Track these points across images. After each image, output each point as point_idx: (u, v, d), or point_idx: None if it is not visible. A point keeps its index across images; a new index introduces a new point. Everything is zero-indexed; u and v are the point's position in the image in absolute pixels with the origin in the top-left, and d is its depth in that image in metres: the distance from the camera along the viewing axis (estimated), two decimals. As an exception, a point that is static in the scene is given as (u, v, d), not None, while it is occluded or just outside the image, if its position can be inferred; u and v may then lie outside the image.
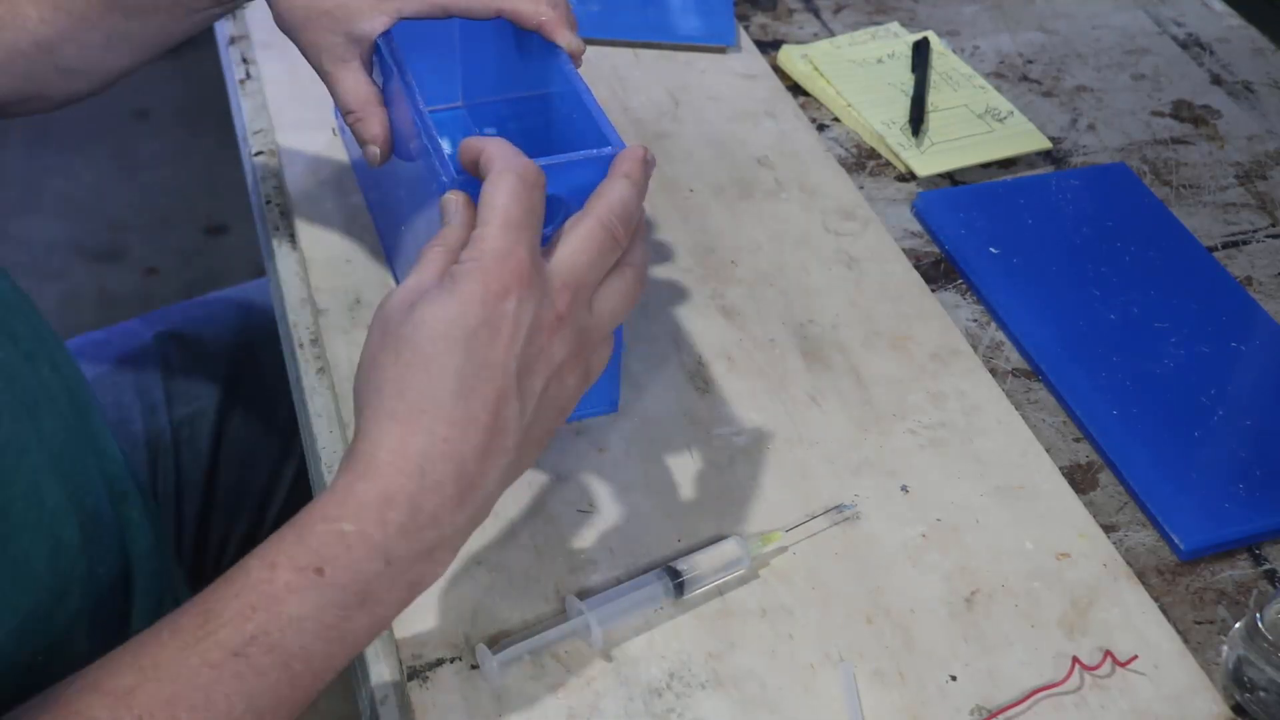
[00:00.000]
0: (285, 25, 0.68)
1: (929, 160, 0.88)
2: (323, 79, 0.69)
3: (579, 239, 0.54)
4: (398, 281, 0.65)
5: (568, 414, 0.57)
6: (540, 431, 0.54)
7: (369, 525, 0.50)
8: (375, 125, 0.68)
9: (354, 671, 0.63)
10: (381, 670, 0.59)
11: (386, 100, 0.68)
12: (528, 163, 0.54)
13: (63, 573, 0.63)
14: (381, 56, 0.67)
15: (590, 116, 0.62)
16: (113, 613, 0.71)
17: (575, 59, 0.66)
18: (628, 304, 0.57)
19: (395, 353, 0.51)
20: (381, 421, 0.51)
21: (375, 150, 0.68)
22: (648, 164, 0.58)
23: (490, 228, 0.52)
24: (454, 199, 0.56)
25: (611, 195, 0.56)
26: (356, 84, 0.68)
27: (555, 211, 0.61)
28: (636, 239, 0.58)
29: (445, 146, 0.61)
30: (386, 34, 0.66)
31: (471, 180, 0.56)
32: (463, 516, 0.52)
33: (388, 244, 0.77)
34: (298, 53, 0.69)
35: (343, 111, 0.69)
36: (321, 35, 0.67)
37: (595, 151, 0.59)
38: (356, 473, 0.51)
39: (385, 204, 0.77)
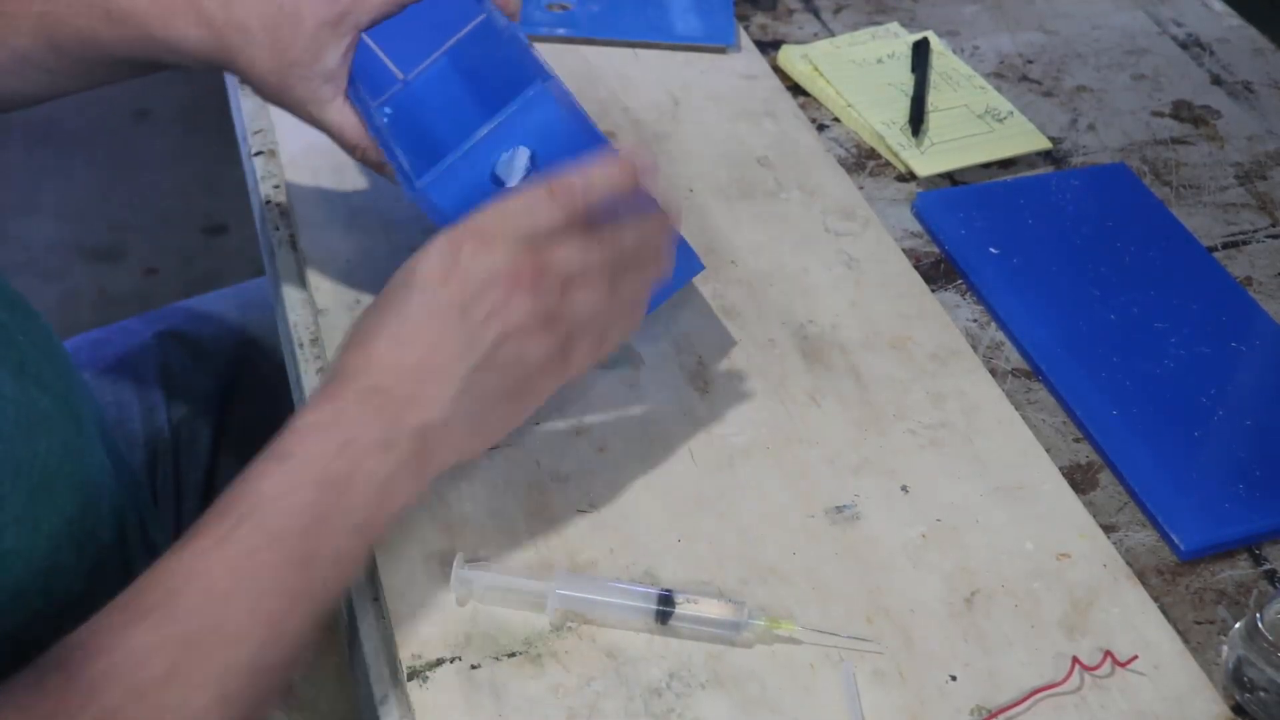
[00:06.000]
0: (269, 95, 0.68)
1: (929, 160, 0.88)
2: (318, 128, 0.70)
3: (534, 199, 0.57)
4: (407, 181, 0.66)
5: (532, 393, 0.58)
6: (495, 386, 0.56)
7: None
8: (374, 154, 0.69)
9: (354, 671, 0.63)
10: (381, 670, 0.59)
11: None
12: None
13: (57, 597, 0.63)
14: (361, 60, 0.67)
15: (522, 51, 0.64)
16: None
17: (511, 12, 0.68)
18: (599, 298, 0.58)
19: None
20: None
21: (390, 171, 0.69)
22: (638, 169, 0.59)
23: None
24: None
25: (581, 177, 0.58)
26: (344, 122, 0.68)
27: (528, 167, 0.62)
28: (613, 240, 0.59)
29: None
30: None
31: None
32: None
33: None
34: None
35: (346, 150, 0.69)
36: (299, 88, 0.67)
37: (531, 91, 0.60)
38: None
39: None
